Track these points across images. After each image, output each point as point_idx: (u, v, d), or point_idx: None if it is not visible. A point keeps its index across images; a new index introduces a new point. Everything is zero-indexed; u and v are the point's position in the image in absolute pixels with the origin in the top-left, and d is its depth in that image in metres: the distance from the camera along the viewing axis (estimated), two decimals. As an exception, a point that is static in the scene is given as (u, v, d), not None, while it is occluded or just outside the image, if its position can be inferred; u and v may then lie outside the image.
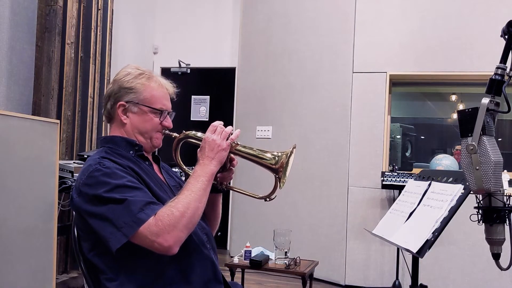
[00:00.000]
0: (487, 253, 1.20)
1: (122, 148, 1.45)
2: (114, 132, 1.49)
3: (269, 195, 1.50)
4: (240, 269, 3.14)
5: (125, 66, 1.52)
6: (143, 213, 1.24)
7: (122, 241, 1.23)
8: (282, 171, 1.41)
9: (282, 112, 4.44)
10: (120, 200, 1.25)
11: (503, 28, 1.18)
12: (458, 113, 1.22)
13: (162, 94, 1.49)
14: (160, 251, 1.24)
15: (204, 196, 1.34)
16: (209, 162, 1.39)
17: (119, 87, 1.46)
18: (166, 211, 1.25)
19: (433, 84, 4.36)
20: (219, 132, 1.43)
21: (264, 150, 1.46)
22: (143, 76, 1.47)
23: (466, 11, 3.80)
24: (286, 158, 1.42)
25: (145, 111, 1.46)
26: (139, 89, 1.45)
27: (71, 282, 3.44)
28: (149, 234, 1.22)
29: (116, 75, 1.49)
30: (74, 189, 1.34)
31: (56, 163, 2.90)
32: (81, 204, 1.30)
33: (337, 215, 4.00)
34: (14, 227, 2.57)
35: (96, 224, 1.27)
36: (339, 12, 4.15)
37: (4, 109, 3.23)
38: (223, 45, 5.33)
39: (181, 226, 1.24)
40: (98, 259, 1.35)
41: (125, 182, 1.29)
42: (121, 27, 4.69)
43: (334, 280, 4.00)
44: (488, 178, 1.14)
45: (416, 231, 1.58)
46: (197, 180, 1.34)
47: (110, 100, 1.47)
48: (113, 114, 1.48)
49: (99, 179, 1.28)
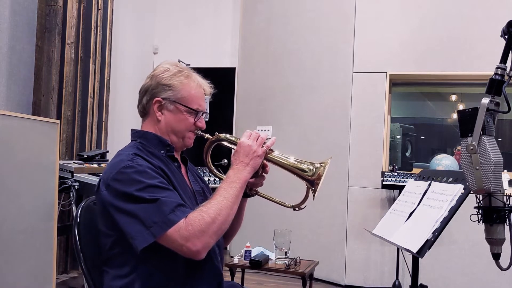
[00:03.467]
0: (487, 253, 1.20)
1: (153, 146, 1.42)
2: (147, 128, 1.46)
3: (299, 205, 1.48)
4: (240, 269, 3.14)
5: (163, 62, 1.49)
6: (173, 215, 1.21)
7: (149, 240, 1.20)
8: (318, 183, 1.39)
9: (282, 112, 4.44)
10: (152, 200, 1.22)
11: (503, 28, 1.18)
12: (458, 113, 1.22)
13: (199, 94, 1.47)
14: (187, 255, 1.23)
15: (236, 203, 1.32)
16: (243, 168, 1.37)
17: (157, 83, 1.43)
18: (197, 215, 1.23)
19: (433, 84, 4.36)
20: (255, 137, 1.40)
21: (300, 160, 1.43)
22: (182, 74, 1.44)
23: (466, 11, 3.80)
24: (324, 170, 1.39)
25: (181, 110, 1.43)
26: (178, 87, 1.42)
27: (71, 282, 3.45)
28: (178, 237, 1.20)
29: (153, 70, 1.47)
30: (102, 181, 1.32)
31: (56, 163, 2.90)
32: (109, 198, 1.27)
33: (337, 215, 4.00)
34: (14, 227, 2.57)
35: (123, 221, 1.24)
36: (339, 12, 4.15)
37: (4, 109, 3.23)
38: (223, 45, 5.33)
39: (211, 232, 1.22)
40: (117, 255, 1.32)
41: (156, 183, 1.26)
42: (121, 27, 4.69)
43: (334, 280, 4.00)
44: (488, 178, 1.14)
45: (416, 231, 1.58)
46: (230, 186, 1.32)
47: (146, 95, 1.44)
48: (148, 110, 1.45)
49: (131, 177, 1.26)
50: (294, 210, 1.50)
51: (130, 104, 5.14)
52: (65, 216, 3.46)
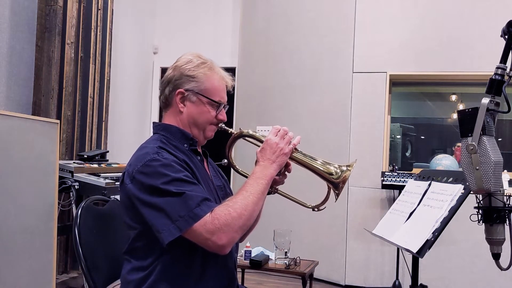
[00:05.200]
0: (487, 253, 1.20)
1: (177, 139, 1.42)
2: (169, 120, 1.45)
3: (319, 205, 1.49)
4: (240, 269, 3.14)
5: (185, 53, 1.48)
6: (199, 209, 1.22)
7: (175, 234, 1.20)
8: (343, 186, 1.39)
9: (282, 112, 4.44)
10: (178, 193, 1.22)
11: (503, 28, 1.18)
12: (458, 113, 1.22)
13: (222, 86, 1.46)
14: (212, 249, 1.23)
15: (262, 199, 1.32)
16: (269, 165, 1.36)
17: (180, 74, 1.42)
18: (223, 209, 1.23)
19: (433, 84, 4.36)
20: (282, 135, 1.41)
21: (324, 160, 1.43)
22: (205, 66, 1.44)
23: (466, 11, 3.79)
24: (349, 173, 1.38)
25: (203, 102, 1.42)
26: (201, 79, 1.42)
27: (71, 282, 3.45)
28: (204, 231, 1.20)
29: (176, 61, 1.46)
30: (126, 174, 1.31)
31: (56, 163, 2.91)
32: (134, 191, 1.27)
33: (337, 215, 4.00)
34: (14, 227, 2.57)
35: (149, 214, 1.24)
36: (339, 12, 4.14)
37: (4, 109, 3.23)
38: (223, 45, 5.32)
39: (237, 227, 1.23)
40: (141, 247, 1.32)
41: (182, 176, 1.26)
42: (121, 27, 4.69)
43: (334, 280, 4.00)
44: (488, 178, 1.14)
45: (416, 231, 1.58)
46: (257, 182, 1.32)
47: (169, 86, 1.43)
48: (170, 101, 1.44)
49: (157, 170, 1.25)
50: (313, 211, 1.51)
51: (130, 104, 5.16)
52: (65, 216, 3.46)
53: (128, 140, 4.87)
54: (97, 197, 1.70)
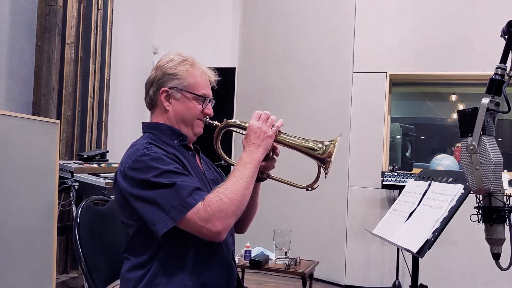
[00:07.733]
0: (487, 253, 1.20)
1: (167, 136, 1.44)
2: (157, 119, 1.47)
3: (311, 185, 1.48)
4: (240, 269, 3.14)
5: (167, 53, 1.50)
6: (191, 198, 1.23)
7: (169, 225, 1.22)
8: (330, 161, 1.38)
9: (282, 112, 4.43)
10: (169, 185, 1.24)
11: (503, 28, 1.18)
12: (458, 113, 1.22)
13: (204, 81, 1.48)
14: (208, 237, 1.24)
15: (251, 183, 1.33)
16: (255, 149, 1.37)
17: (162, 73, 1.44)
18: (214, 196, 1.24)
19: (433, 84, 4.36)
20: (264, 119, 1.42)
21: (308, 138, 1.43)
22: (187, 63, 1.46)
23: (466, 11, 3.79)
24: (334, 147, 1.38)
25: (188, 98, 1.44)
26: (183, 75, 1.44)
27: (71, 282, 3.45)
28: (198, 219, 1.21)
29: (158, 62, 1.48)
30: (119, 172, 1.33)
31: (56, 163, 2.91)
32: (127, 187, 1.29)
33: (337, 215, 4.00)
34: (14, 227, 2.57)
35: (143, 208, 1.26)
36: (339, 12, 4.14)
37: (4, 109, 3.23)
38: (223, 45, 5.32)
39: (230, 212, 1.24)
40: (138, 244, 1.34)
41: (172, 168, 1.28)
42: (121, 27, 4.69)
43: (334, 280, 4.00)
44: (488, 178, 1.14)
45: (416, 231, 1.58)
46: (244, 167, 1.33)
47: (152, 87, 1.45)
48: (156, 101, 1.46)
49: (148, 164, 1.27)
50: (307, 191, 1.50)
51: (130, 104, 5.16)
52: (65, 216, 3.46)
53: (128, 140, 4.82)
54: (97, 197, 1.70)
